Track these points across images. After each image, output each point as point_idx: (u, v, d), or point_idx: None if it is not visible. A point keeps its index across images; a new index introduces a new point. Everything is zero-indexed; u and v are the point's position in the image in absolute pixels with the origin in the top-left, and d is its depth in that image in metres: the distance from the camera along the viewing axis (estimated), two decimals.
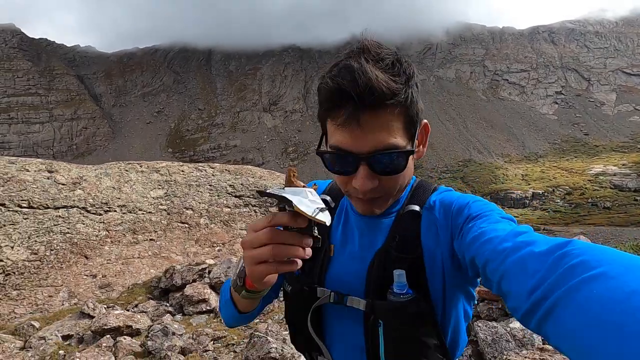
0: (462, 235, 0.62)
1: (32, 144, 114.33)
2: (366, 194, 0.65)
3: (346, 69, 0.60)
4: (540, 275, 0.42)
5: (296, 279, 0.75)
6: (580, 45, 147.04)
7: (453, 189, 0.76)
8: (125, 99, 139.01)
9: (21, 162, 3.95)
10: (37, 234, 3.54)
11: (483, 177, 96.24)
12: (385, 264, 0.67)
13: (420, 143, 0.72)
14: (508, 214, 0.63)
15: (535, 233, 0.52)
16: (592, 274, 0.36)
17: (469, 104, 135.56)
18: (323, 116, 0.66)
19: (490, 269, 0.51)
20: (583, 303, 0.35)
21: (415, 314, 0.63)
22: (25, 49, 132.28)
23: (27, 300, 3.22)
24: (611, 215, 67.33)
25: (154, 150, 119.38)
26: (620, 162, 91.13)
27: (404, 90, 0.61)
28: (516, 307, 0.45)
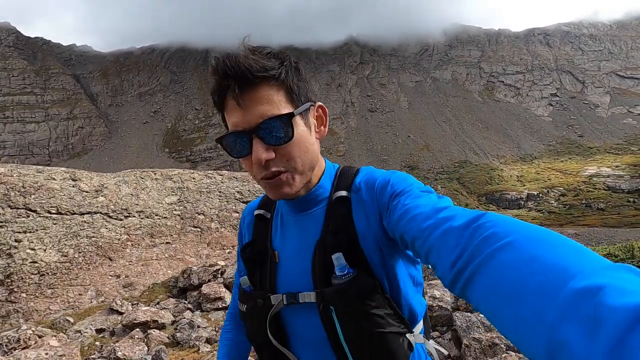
0: (389, 213, 0.66)
1: (28, 144, 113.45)
2: (266, 167, 0.67)
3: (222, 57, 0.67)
4: (459, 248, 0.47)
5: (249, 296, 0.77)
6: (575, 48, 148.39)
7: (374, 167, 0.78)
8: (122, 98, 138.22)
9: (48, 171, 4.26)
10: (66, 237, 3.85)
11: (479, 178, 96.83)
12: (325, 253, 0.70)
13: (321, 124, 0.76)
14: (427, 186, 0.68)
15: (454, 207, 0.57)
16: (501, 243, 0.41)
17: (465, 105, 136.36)
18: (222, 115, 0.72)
19: (418, 245, 0.56)
20: (493, 270, 0.40)
21: (360, 290, 0.67)
22: (20, 48, 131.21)
23: (60, 298, 3.54)
24: (605, 216, 68.03)
25: (150, 150, 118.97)
26: (614, 164, 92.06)
27: (277, 67, 0.67)
28: (442, 277, 0.50)
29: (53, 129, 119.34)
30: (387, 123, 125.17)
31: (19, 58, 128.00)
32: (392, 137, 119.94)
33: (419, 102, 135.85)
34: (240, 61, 0.65)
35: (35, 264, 3.64)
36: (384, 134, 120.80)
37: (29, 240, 3.69)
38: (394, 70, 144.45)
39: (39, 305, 3.48)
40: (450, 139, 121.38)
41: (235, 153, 0.70)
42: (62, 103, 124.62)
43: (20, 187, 3.91)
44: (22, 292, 3.50)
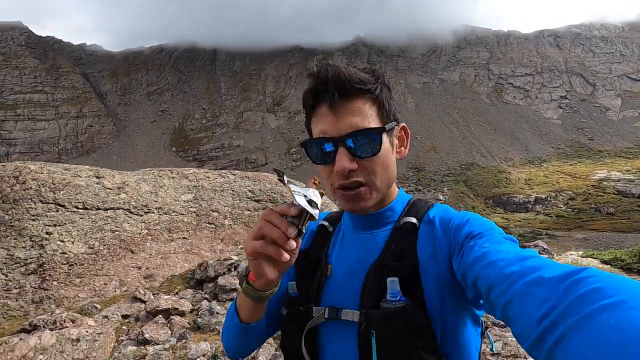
0: (462, 254, 0.61)
1: (38, 141, 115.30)
2: (347, 177, 0.67)
3: (323, 64, 0.69)
4: (551, 302, 0.40)
5: (293, 301, 0.76)
6: (586, 49, 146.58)
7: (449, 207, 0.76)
8: (130, 97, 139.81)
9: (74, 169, 4.56)
10: (92, 231, 4.14)
11: (486, 181, 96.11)
12: (380, 275, 0.67)
13: (402, 145, 0.76)
14: (509, 235, 0.62)
15: (541, 257, 0.50)
16: (609, 302, 0.34)
17: (473, 107, 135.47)
18: (308, 119, 0.74)
19: (496, 293, 0.49)
20: (598, 332, 0.33)
21: (409, 322, 0.62)
22: (32, 47, 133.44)
23: (87, 287, 3.81)
24: (614, 221, 67.16)
25: (157, 149, 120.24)
26: (624, 168, 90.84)
27: (374, 82, 0.69)
28: (524, 335, 0.42)
29: (63, 127, 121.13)
30: None
31: (31, 57, 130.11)
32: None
33: (426, 104, 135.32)
34: (341, 70, 0.67)
35: (64, 255, 3.93)
36: None
37: (58, 233, 3.99)
38: (402, 71, 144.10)
39: (69, 292, 3.76)
40: (457, 141, 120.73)
41: (317, 159, 0.70)
42: (72, 101, 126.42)
43: (50, 184, 4.21)
44: (53, 280, 3.78)
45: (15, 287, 3.63)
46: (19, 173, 4.16)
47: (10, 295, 3.59)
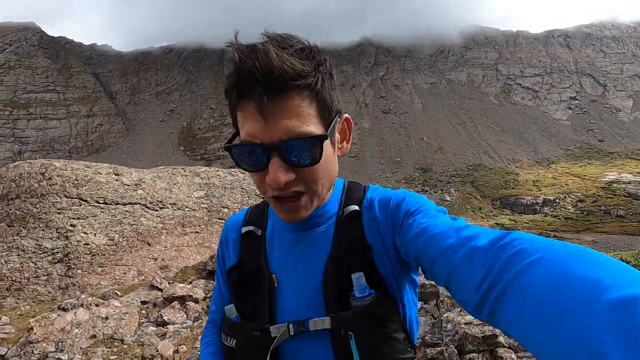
0: (403, 232, 0.62)
1: (50, 140, 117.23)
2: (282, 190, 0.59)
3: (248, 49, 0.55)
4: (485, 268, 0.44)
5: (238, 328, 0.67)
6: (597, 50, 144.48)
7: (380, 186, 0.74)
8: (140, 97, 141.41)
9: (94, 167, 4.88)
10: (112, 224, 4.44)
11: (493, 182, 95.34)
12: (339, 272, 0.64)
13: (344, 139, 0.68)
14: (440, 207, 0.63)
15: (472, 226, 0.53)
16: (530, 260, 0.39)
17: (481, 108, 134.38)
18: (233, 111, 0.61)
19: (438, 266, 0.52)
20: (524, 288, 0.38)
21: (382, 313, 0.62)
22: (44, 47, 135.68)
23: (108, 275, 4.11)
24: (624, 223, 66.21)
25: (166, 148, 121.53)
26: (635, 170, 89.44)
27: (313, 74, 0.57)
28: (467, 301, 0.47)
29: (74, 126, 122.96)
30: (400, 125, 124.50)
31: (43, 57, 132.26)
32: (405, 139, 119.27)
33: (434, 104, 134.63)
34: (273, 63, 0.53)
35: (87, 246, 4.24)
36: (397, 136, 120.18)
37: (82, 226, 4.29)
38: (409, 71, 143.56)
39: (92, 280, 4.06)
40: (464, 142, 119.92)
41: (246, 166, 0.60)
42: (83, 101, 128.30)
43: (73, 180, 4.52)
44: (77, 268, 4.09)
45: (44, 274, 3.95)
46: (45, 170, 4.48)
47: (39, 281, 3.90)
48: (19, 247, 4.01)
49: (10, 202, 4.31)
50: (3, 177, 4.48)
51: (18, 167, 4.60)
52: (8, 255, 3.96)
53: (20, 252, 3.99)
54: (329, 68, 0.61)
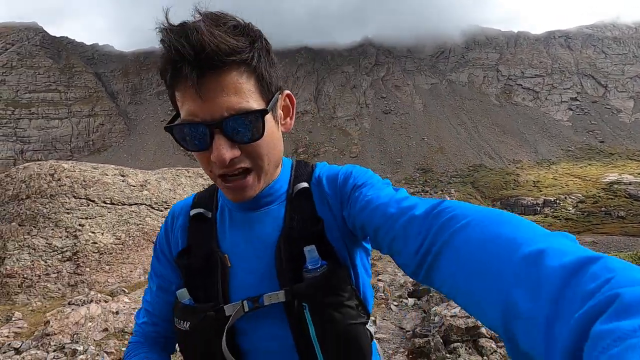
0: (350, 204, 0.65)
1: (51, 139, 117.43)
2: (228, 167, 0.59)
3: (179, 27, 0.54)
4: (422, 234, 0.49)
5: (192, 310, 0.66)
6: (598, 51, 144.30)
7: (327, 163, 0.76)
8: (141, 97, 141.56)
9: (101, 168, 5.04)
10: (119, 224, 4.59)
11: (494, 183, 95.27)
12: (291, 247, 0.65)
13: (287, 115, 0.69)
14: (385, 179, 0.68)
15: (412, 197, 0.58)
16: (460, 224, 0.44)
17: (482, 108, 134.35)
18: (171, 92, 0.60)
19: (381, 234, 0.56)
20: (455, 250, 0.43)
21: (335, 282, 0.63)
22: (46, 47, 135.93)
23: (115, 273, 4.26)
24: (625, 224, 66.06)
25: (166, 148, 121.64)
26: (636, 171, 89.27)
27: (248, 50, 0.56)
28: (406, 264, 0.52)
29: (75, 126, 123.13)
30: (401, 125, 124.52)
31: (45, 56, 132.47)
32: (405, 139, 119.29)
33: (434, 105, 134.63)
34: (204, 39, 0.52)
35: (95, 245, 4.39)
36: (397, 136, 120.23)
37: (90, 225, 4.45)
38: (410, 72, 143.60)
39: (100, 278, 4.21)
40: (465, 143, 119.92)
41: (189, 146, 0.59)
42: (84, 100, 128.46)
43: (81, 181, 4.67)
44: (86, 266, 4.24)
45: (54, 272, 4.10)
46: (54, 171, 4.63)
47: (50, 279, 4.05)
48: (29, 245, 4.17)
49: (20, 202, 4.47)
50: (13, 178, 4.64)
51: (27, 168, 4.76)
52: (20, 254, 4.11)
53: (31, 251, 4.14)
54: (265, 44, 0.60)
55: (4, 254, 4.14)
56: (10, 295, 3.89)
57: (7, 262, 4.07)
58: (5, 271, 4.02)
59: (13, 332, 2.83)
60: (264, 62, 0.58)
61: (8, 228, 4.26)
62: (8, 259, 4.09)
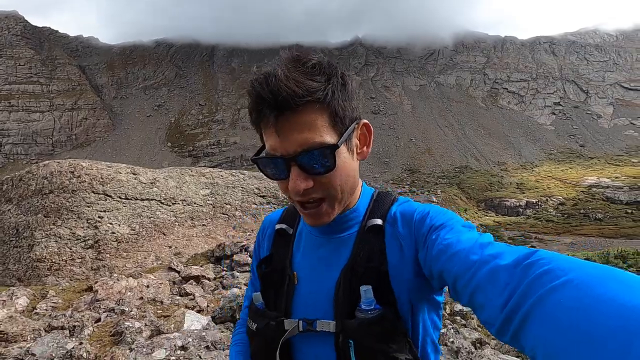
0: (427, 247, 0.61)
1: (32, 133, 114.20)
2: (303, 196, 0.64)
3: (262, 75, 0.61)
4: (510, 288, 0.42)
5: (261, 314, 0.72)
6: (580, 57, 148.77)
7: (411, 200, 0.74)
8: (126, 91, 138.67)
9: (115, 166, 5.59)
10: (133, 216, 5.14)
11: (478, 184, 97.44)
12: (351, 282, 0.66)
13: (364, 144, 0.70)
14: (467, 222, 0.63)
15: (498, 243, 0.52)
16: (559, 282, 0.37)
17: (468, 111, 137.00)
18: (258, 130, 0.67)
19: (461, 284, 0.51)
20: (552, 312, 0.36)
21: (385, 329, 0.62)
22: (28, 37, 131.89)
23: (132, 260, 4.81)
24: (602, 226, 68.59)
25: (153, 144, 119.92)
26: (613, 175, 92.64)
27: (323, 88, 0.61)
28: (490, 322, 0.45)
29: (57, 119, 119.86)
30: (389, 126, 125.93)
31: (26, 47, 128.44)
32: (394, 140, 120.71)
33: (422, 106, 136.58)
34: (281, 85, 0.59)
35: (114, 234, 4.95)
36: (386, 137, 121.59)
37: (108, 217, 4.99)
38: (399, 73, 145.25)
39: (118, 263, 4.77)
40: (452, 144, 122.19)
41: (271, 176, 0.66)
42: (67, 93, 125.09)
43: (99, 178, 5.21)
44: (106, 253, 4.79)
45: (78, 257, 4.64)
46: (74, 169, 5.17)
47: (75, 263, 4.59)
48: (56, 234, 4.69)
49: (44, 196, 4.98)
50: (34, 175, 5.15)
51: (48, 165, 5.28)
52: (47, 241, 4.63)
53: (57, 239, 4.66)
54: (340, 80, 0.64)
55: (33, 241, 4.67)
56: (40, 277, 4.41)
57: (36, 249, 4.60)
58: (35, 256, 4.55)
59: (50, 306, 3.37)
60: (338, 97, 0.63)
61: (34, 219, 4.78)
62: (37, 246, 4.62)
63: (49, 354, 1.84)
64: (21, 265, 4.60)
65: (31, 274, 4.45)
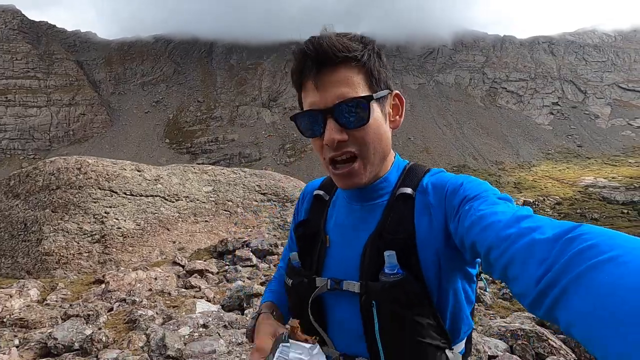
0: (459, 218, 0.61)
1: (29, 128, 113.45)
2: (337, 148, 0.66)
3: (309, 38, 0.67)
4: (548, 262, 0.41)
5: (297, 272, 0.78)
6: (579, 57, 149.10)
7: (445, 170, 0.75)
8: (124, 87, 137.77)
9: (120, 163, 5.73)
10: (138, 212, 5.28)
11: None
12: (378, 246, 0.68)
13: (397, 113, 0.74)
14: (504, 194, 0.62)
15: (538, 216, 0.50)
16: (603, 258, 0.35)
17: (467, 110, 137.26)
18: (299, 95, 0.72)
19: (494, 255, 0.50)
20: (594, 288, 0.34)
21: (407, 294, 0.63)
22: (25, 32, 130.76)
23: (137, 254, 4.95)
24: (598, 226, 69.20)
25: (151, 140, 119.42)
26: (610, 175, 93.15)
27: (360, 49, 0.66)
28: (524, 294, 0.44)
29: (55, 115, 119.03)
30: None
31: (23, 41, 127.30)
32: (392, 138, 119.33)
33: (421, 105, 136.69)
34: (322, 42, 0.64)
35: (119, 229, 5.09)
36: None
37: (114, 213, 5.13)
38: (398, 71, 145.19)
39: (124, 257, 4.91)
40: (450, 143, 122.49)
41: (308, 132, 0.69)
42: (65, 89, 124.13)
43: (105, 175, 5.35)
44: (112, 247, 4.93)
45: (85, 251, 4.78)
46: (80, 165, 5.30)
47: (82, 257, 4.73)
48: (63, 229, 4.83)
49: (52, 192, 5.12)
50: (41, 171, 5.29)
51: (54, 162, 5.41)
52: (55, 236, 4.77)
53: (65, 233, 4.80)
54: (376, 49, 0.69)
55: (41, 235, 4.81)
56: (49, 270, 4.56)
57: (44, 243, 4.74)
58: (43, 250, 4.69)
59: (60, 298, 3.51)
60: (373, 60, 0.67)
61: (42, 214, 4.92)
62: (45, 240, 4.76)
63: (69, 338, 2.00)
64: (30, 258, 4.75)
65: (40, 267, 4.60)
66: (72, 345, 1.96)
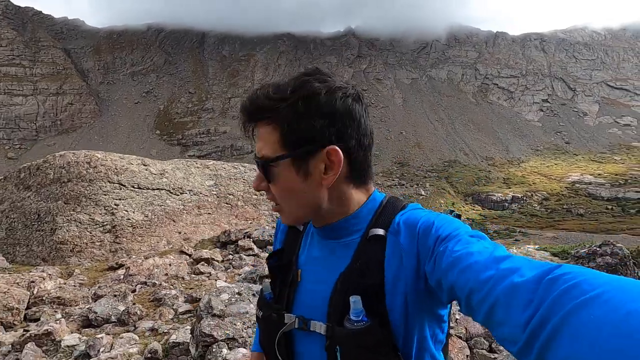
0: (434, 259, 0.60)
1: (15, 117, 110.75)
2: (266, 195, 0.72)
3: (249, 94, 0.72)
4: (534, 305, 0.40)
5: (266, 304, 0.77)
6: (569, 55, 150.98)
7: (421, 206, 0.73)
8: (114, 76, 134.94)
9: (127, 158, 6.01)
10: (145, 205, 5.59)
11: (466, 179, 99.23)
12: (346, 289, 0.66)
13: (330, 169, 0.68)
14: (475, 230, 0.61)
15: (516, 256, 0.50)
16: (588, 297, 0.35)
17: (459, 105, 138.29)
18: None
19: (476, 300, 0.49)
20: (581, 329, 0.34)
21: (372, 341, 0.63)
22: (10, 17, 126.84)
23: (146, 243, 5.27)
24: (583, 222, 71.00)
25: (141, 131, 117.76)
26: (596, 172, 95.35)
27: (281, 109, 0.66)
28: (512, 340, 0.43)
29: (41, 104, 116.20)
30: (380, 118, 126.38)
31: (8, 27, 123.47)
32: (384, 132, 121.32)
33: (414, 100, 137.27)
34: (252, 98, 0.69)
35: (129, 220, 5.40)
36: (377, 129, 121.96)
37: (123, 205, 5.43)
38: (391, 65, 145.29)
39: (134, 246, 5.23)
40: (441, 138, 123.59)
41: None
42: (52, 77, 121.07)
43: (114, 169, 5.63)
44: (122, 237, 5.24)
45: (97, 241, 5.09)
46: (90, 160, 5.58)
47: (95, 246, 5.04)
48: (76, 219, 5.12)
49: (63, 184, 5.39)
50: (51, 164, 5.55)
51: (64, 156, 5.67)
52: (69, 226, 5.07)
53: (78, 224, 5.09)
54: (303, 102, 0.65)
55: (55, 225, 5.11)
56: (64, 257, 4.86)
57: (58, 232, 5.04)
58: (57, 239, 4.99)
59: (78, 283, 3.81)
60: (291, 117, 0.65)
61: (55, 205, 5.20)
62: (59, 230, 5.06)
63: (107, 312, 2.35)
64: (45, 247, 5.05)
65: (55, 255, 4.89)
66: (110, 317, 2.30)
